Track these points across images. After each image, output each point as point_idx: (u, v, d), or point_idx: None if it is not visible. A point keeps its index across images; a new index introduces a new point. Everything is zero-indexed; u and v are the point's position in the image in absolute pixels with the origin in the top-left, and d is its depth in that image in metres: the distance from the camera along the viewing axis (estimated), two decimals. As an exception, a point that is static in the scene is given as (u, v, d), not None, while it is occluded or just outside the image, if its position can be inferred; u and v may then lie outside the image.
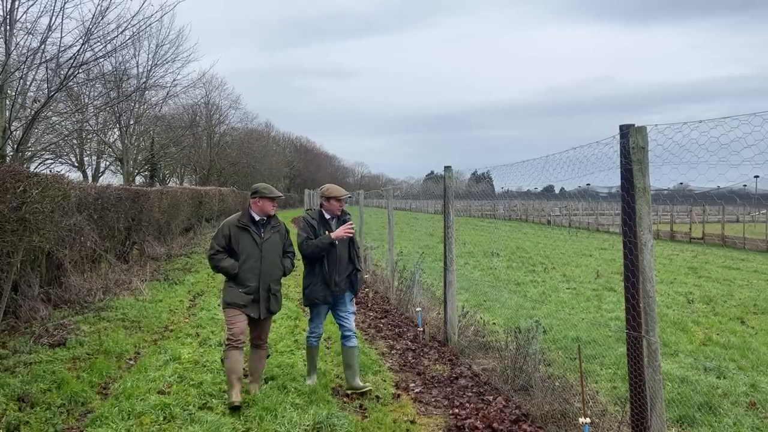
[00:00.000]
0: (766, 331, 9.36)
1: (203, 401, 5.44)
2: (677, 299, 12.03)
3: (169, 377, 6.07)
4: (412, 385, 6.15)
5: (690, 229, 33.50)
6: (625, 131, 3.42)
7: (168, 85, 24.14)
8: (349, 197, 5.76)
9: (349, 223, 5.92)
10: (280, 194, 5.66)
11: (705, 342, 8.33)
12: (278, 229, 5.70)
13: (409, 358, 7.11)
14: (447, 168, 7.56)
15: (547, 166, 5.01)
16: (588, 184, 5.92)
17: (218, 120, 44.52)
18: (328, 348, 7.56)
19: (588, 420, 4.03)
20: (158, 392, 5.64)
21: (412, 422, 5.14)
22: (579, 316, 9.88)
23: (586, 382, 5.11)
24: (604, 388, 6.05)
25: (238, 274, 5.43)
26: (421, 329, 8.04)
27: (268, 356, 6.27)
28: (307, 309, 6.49)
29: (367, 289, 11.57)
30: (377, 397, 5.75)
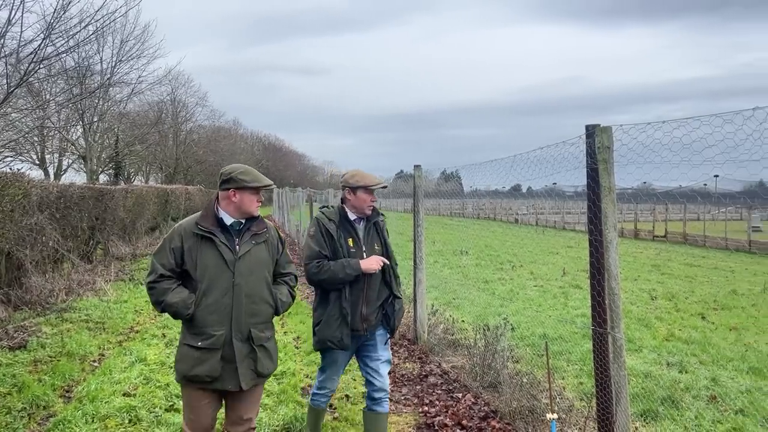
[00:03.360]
0: (725, 326, 9.64)
1: (170, 403, 5.36)
2: (641, 296, 12.30)
3: (135, 379, 5.97)
4: (382, 383, 6.15)
5: (653, 227, 34.26)
6: (591, 131, 3.47)
7: (133, 81, 23.77)
8: (384, 188, 4.26)
9: (379, 258, 4.09)
10: (270, 182, 3.56)
11: (668, 337, 8.54)
12: (265, 238, 3.57)
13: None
14: (417, 167, 7.59)
15: (514, 165, 5.06)
16: (554, 183, 6.01)
17: (185, 117, 43.86)
18: (297, 348, 7.52)
19: (555, 416, 4.09)
20: (123, 394, 5.54)
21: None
22: (546, 313, 10.02)
23: (553, 379, 5.18)
24: (570, 384, 6.14)
25: (194, 315, 3.35)
26: (391, 328, 8.04)
27: None
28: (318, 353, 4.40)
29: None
30: (347, 396, 5.74)
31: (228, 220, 3.48)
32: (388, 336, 4.29)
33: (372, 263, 4.04)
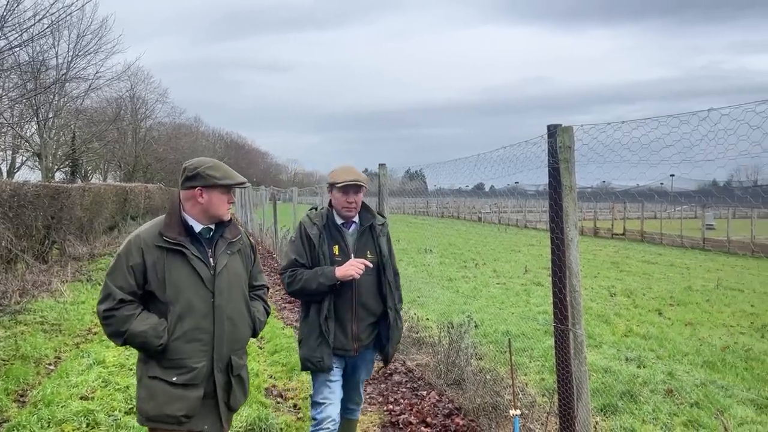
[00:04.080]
0: (681, 321, 9.91)
1: (130, 406, 5.24)
2: (601, 293, 12.55)
3: (93, 382, 5.82)
4: (347, 382, 6.14)
5: (612, 225, 35.03)
6: (553, 131, 3.52)
7: (90, 77, 23.11)
8: (361, 186, 3.70)
9: (360, 261, 3.57)
10: (243, 179, 3.01)
11: (626, 333, 8.73)
12: (239, 246, 3.06)
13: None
14: (381, 166, 7.59)
15: (478, 164, 5.10)
16: (517, 182, 6.09)
17: (144, 114, 42.98)
18: (260, 348, 7.44)
19: (518, 412, 4.14)
20: (81, 398, 5.40)
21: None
22: (509, 310, 10.15)
23: (516, 375, 5.25)
24: (533, 380, 6.23)
25: (167, 347, 2.79)
26: (356, 326, 8.03)
27: None
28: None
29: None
30: (311, 395, 5.70)
31: (197, 226, 2.90)
32: (377, 359, 3.83)
33: (348, 270, 3.49)
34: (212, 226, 2.95)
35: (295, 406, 5.46)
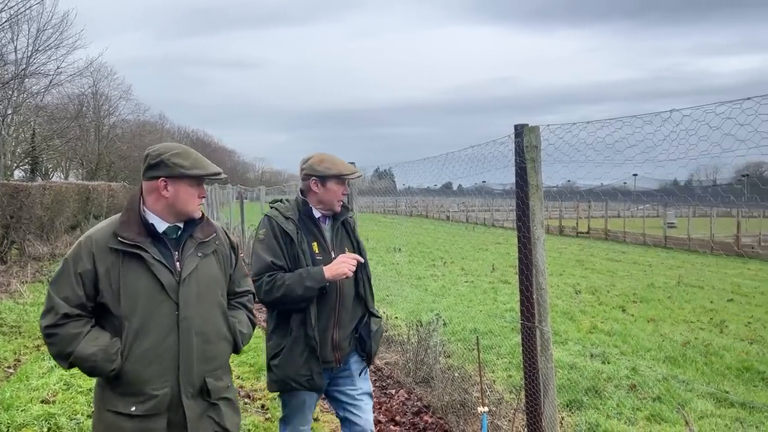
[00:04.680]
0: (644, 318, 10.13)
1: (93, 409, 5.13)
2: (566, 290, 12.75)
3: (54, 385, 5.68)
4: (315, 382, 6.12)
5: (577, 224, 35.62)
6: (520, 131, 3.55)
7: (51, 72, 22.60)
8: (360, 176, 3.66)
9: (351, 255, 3.21)
10: (218, 169, 2.56)
11: (591, 330, 8.89)
12: (214, 247, 2.60)
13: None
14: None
15: (446, 163, 5.13)
16: (484, 182, 6.14)
17: (107, 111, 42.10)
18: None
19: (486, 409, 4.17)
20: (42, 401, 5.26)
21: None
22: (477, 308, 10.24)
23: (484, 372, 5.29)
24: (500, 377, 6.29)
25: (121, 370, 2.36)
26: (324, 326, 8.01)
27: None
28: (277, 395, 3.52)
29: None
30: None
31: (160, 225, 2.45)
32: (364, 364, 3.39)
33: (341, 267, 3.08)
34: (180, 225, 2.50)
35: (263, 406, 5.42)
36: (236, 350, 2.66)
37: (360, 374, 3.37)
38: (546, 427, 3.60)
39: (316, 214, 3.27)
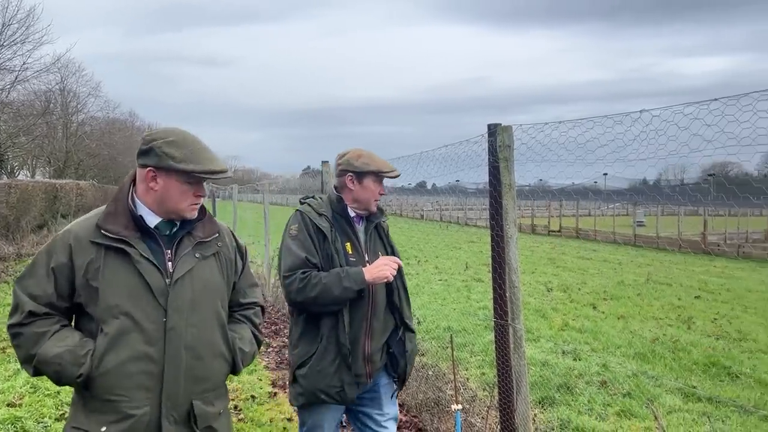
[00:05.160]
0: (614, 315, 10.29)
1: (60, 412, 5.03)
2: (538, 288, 12.89)
3: (21, 388, 5.55)
4: (289, 382, 6.08)
5: (549, 222, 36.04)
6: (493, 130, 3.57)
7: (17, 68, 22.08)
8: (398, 175, 3.19)
9: (392, 258, 2.97)
10: (222, 167, 2.15)
11: (563, 327, 9.00)
12: (215, 248, 2.27)
13: (286, 356, 7.03)
14: (324, 163, 7.54)
15: (420, 162, 5.14)
16: (458, 180, 6.17)
17: (76, 108, 41.29)
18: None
19: (460, 406, 4.19)
20: (8, 405, 5.14)
21: (289, 420, 5.08)
22: (450, 306, 10.29)
23: (457, 370, 5.32)
24: (474, 374, 6.33)
25: (92, 379, 2.04)
26: (298, 325, 7.98)
27: None
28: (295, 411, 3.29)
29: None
30: (252, 396, 5.62)
31: (151, 219, 2.13)
32: (394, 387, 3.12)
33: (383, 270, 2.83)
34: (177, 223, 2.18)
35: (235, 407, 5.37)
36: (234, 371, 2.28)
37: (391, 397, 3.12)
38: (519, 423, 3.63)
39: (351, 213, 3.03)
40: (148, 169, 2.09)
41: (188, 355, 2.10)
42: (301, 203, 3.06)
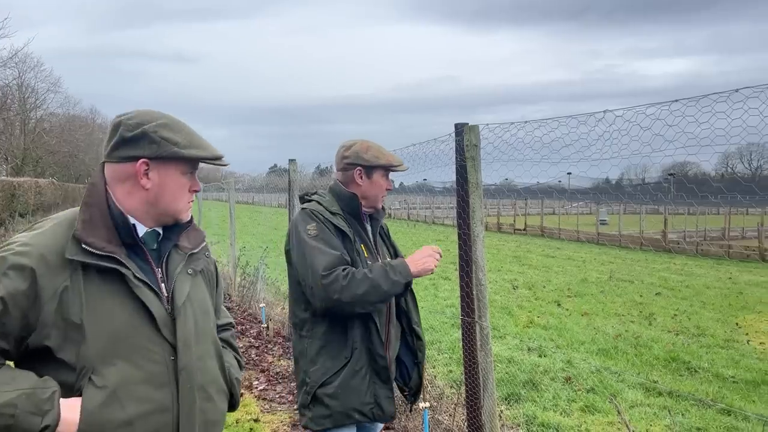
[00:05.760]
0: (578, 312, 10.46)
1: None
2: (504, 286, 13.03)
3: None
4: (256, 382, 6.03)
5: (514, 221, 36.47)
6: (460, 129, 3.59)
7: (-29, 62, 21.33)
8: (406, 170, 2.97)
9: (435, 248, 2.74)
10: (220, 153, 1.75)
11: (528, 324, 9.11)
12: (203, 264, 1.86)
13: (253, 356, 6.96)
14: (291, 161, 7.49)
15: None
16: (425, 179, 6.19)
17: (34, 104, 40.25)
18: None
19: (427, 404, 4.21)
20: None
21: (256, 420, 5.04)
22: (418, 304, 10.32)
23: (424, 368, 5.34)
24: (441, 372, 6.37)
25: None
26: (265, 325, 7.91)
27: None
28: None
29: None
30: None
31: (141, 227, 1.70)
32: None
33: (428, 262, 2.62)
34: (159, 230, 1.75)
35: (201, 408, 5.30)
36: (232, 407, 1.93)
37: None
38: (485, 420, 3.66)
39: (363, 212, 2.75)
40: (140, 161, 1.64)
41: (200, 397, 1.71)
42: (306, 200, 2.76)
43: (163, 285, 1.70)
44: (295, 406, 5.36)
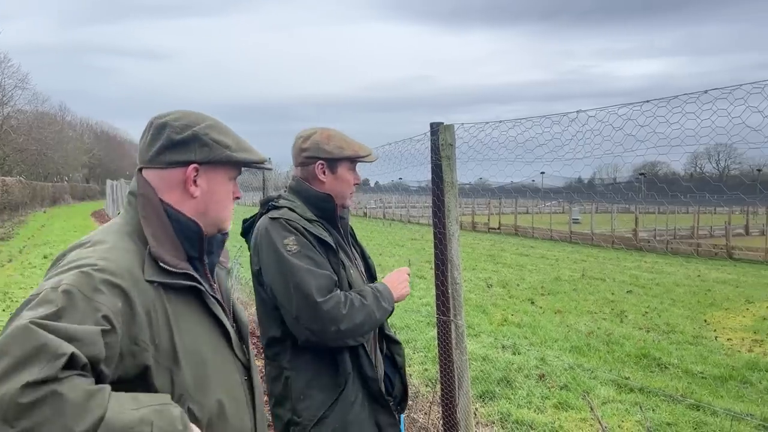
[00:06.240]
0: (552, 310, 10.58)
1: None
2: (479, 284, 13.11)
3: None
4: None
5: (488, 220, 36.74)
6: (436, 129, 3.60)
7: (-65, 57, 20.75)
8: (375, 160, 2.46)
9: (404, 270, 2.59)
10: (265, 157, 1.65)
11: (502, 322, 9.19)
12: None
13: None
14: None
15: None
16: (400, 179, 6.20)
17: (1, 101, 39.31)
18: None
19: (402, 403, 4.21)
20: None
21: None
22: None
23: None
24: (416, 370, 6.38)
25: None
26: (239, 325, 7.85)
27: None
28: None
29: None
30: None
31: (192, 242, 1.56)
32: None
33: (406, 287, 2.47)
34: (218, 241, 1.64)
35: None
36: None
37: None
38: (460, 418, 3.68)
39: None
40: (191, 165, 1.50)
41: (260, 415, 1.63)
42: (273, 207, 2.33)
43: (219, 297, 1.59)
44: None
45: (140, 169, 1.54)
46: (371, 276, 2.56)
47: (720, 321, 10.37)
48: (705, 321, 10.31)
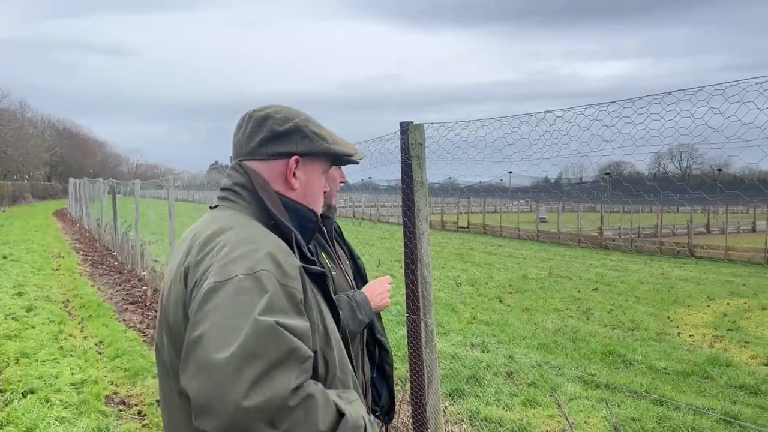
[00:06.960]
0: (519, 308, 10.70)
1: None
2: (448, 283, 13.19)
3: None
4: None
5: (457, 219, 36.98)
6: (406, 128, 3.60)
7: None
8: (362, 159, 1.78)
9: (385, 279, 2.54)
10: (356, 150, 1.70)
11: (471, 320, 9.26)
12: None
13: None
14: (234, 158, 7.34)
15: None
16: (370, 178, 6.19)
17: (-42, 96, 38.09)
18: (100, 353, 6.91)
19: (372, 402, 4.21)
20: None
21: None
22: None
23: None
24: (386, 370, 6.39)
25: None
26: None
27: None
28: None
29: (145, 287, 10.80)
30: (158, 400, 5.39)
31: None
32: (387, 420, 2.44)
33: (385, 297, 2.42)
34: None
35: (140, 412, 5.14)
36: None
37: None
38: (430, 416, 3.69)
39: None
40: (293, 157, 1.52)
41: None
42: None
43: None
44: None
45: (239, 162, 1.56)
46: (361, 277, 2.54)
47: (682, 318, 10.63)
48: (668, 318, 10.55)
